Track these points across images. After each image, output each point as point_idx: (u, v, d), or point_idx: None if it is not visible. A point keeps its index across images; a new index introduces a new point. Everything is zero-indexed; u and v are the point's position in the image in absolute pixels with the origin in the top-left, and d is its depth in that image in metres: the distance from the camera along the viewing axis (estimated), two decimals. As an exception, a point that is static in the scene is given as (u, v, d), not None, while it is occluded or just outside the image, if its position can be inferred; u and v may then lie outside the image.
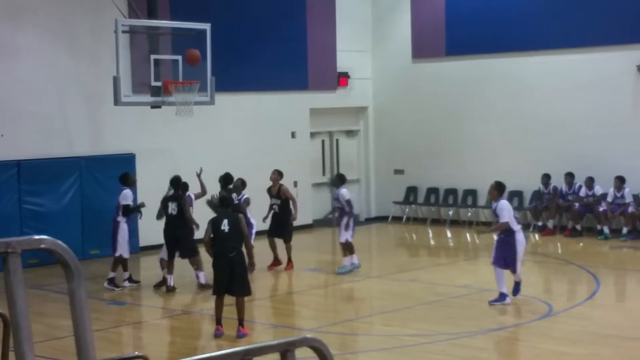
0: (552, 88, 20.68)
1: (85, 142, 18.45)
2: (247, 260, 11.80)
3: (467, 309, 13.03)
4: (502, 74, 21.50)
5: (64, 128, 18.25)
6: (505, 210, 13.00)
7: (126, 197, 15.33)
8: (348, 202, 15.95)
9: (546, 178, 20.35)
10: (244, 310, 11.69)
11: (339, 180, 16.41)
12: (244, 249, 11.81)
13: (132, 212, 15.51)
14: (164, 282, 14.95)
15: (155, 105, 16.62)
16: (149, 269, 16.85)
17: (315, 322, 12.76)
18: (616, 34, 19.69)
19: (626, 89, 19.67)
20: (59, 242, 2.53)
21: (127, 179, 15.57)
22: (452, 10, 22.21)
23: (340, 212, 16.08)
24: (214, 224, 11.85)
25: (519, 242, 12.98)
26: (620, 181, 19.26)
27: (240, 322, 11.63)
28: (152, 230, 17.21)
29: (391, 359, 11.01)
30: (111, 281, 15.15)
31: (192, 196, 15.61)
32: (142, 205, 15.58)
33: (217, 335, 11.61)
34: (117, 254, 15.09)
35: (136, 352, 4.36)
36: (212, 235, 11.77)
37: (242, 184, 16.34)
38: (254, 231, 15.77)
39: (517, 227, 13.02)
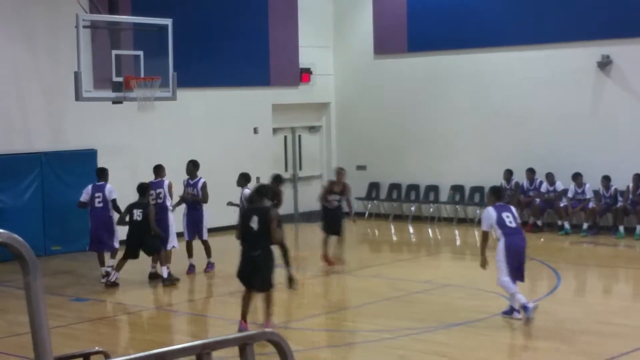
0: (514, 84, 20.84)
1: (45, 138, 18.28)
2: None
3: (429, 305, 13.09)
4: (464, 70, 21.63)
5: (24, 124, 18.07)
6: (484, 218, 12.07)
7: (113, 191, 15.39)
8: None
9: (508, 174, 20.51)
10: (270, 305, 11.41)
11: (244, 179, 15.85)
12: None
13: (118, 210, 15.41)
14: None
15: (116, 101, 16.51)
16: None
17: (278, 317, 12.74)
18: (577, 30, 19.87)
19: (586, 85, 19.87)
20: (15, 235, 2.51)
21: (106, 173, 15.54)
22: (413, 7, 22.29)
23: None
24: (243, 219, 11.31)
25: (500, 250, 11.84)
26: (579, 177, 19.46)
27: (266, 316, 11.39)
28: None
29: (354, 354, 11.04)
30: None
31: (167, 182, 15.65)
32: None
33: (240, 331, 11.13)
34: (116, 247, 15.34)
35: (96, 348, 4.31)
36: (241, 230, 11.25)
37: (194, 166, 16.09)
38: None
39: (499, 232, 11.91)
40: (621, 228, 18.87)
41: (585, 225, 19.39)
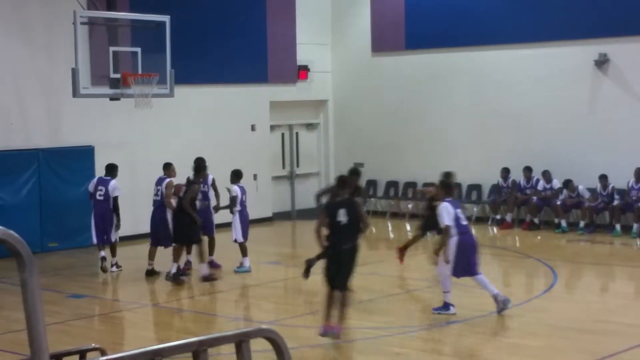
0: (512, 82, 20.85)
1: (43, 135, 18.27)
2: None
3: (426, 302, 13.10)
4: (462, 68, 21.63)
5: (22, 120, 18.05)
6: (444, 213, 11.89)
7: (117, 189, 15.70)
8: (233, 199, 15.69)
9: (505, 172, 20.52)
10: (345, 306, 10.94)
11: (235, 177, 16.00)
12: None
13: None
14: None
15: (114, 98, 16.51)
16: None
17: (275, 315, 12.77)
18: (575, 29, 19.87)
19: (584, 83, 19.88)
20: (11, 231, 2.51)
21: (114, 170, 15.87)
22: (411, 4, 22.29)
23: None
24: (329, 213, 10.77)
25: (452, 248, 11.83)
26: (572, 184, 19.42)
27: (340, 318, 10.90)
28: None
29: (350, 351, 11.05)
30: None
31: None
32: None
33: (323, 333, 10.80)
34: (113, 240, 15.71)
35: (92, 344, 4.31)
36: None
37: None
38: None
39: (454, 232, 11.86)
40: (618, 226, 18.89)
41: (581, 224, 19.41)
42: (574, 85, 19.99)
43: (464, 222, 12.01)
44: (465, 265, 11.89)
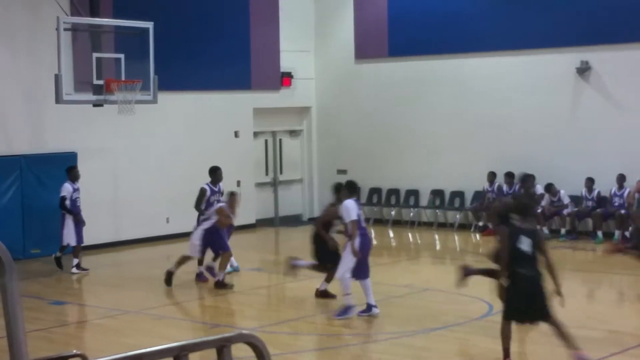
0: (494, 89, 20.94)
1: (25, 141, 18.20)
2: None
3: (409, 309, 13.13)
4: (445, 75, 21.71)
5: (4, 126, 17.99)
6: (350, 209, 12.21)
7: (64, 189, 16.21)
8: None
9: (492, 176, 20.60)
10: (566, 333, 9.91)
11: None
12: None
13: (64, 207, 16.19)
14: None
15: (97, 104, 16.48)
16: (88, 267, 16.70)
17: (257, 321, 12.76)
18: (557, 37, 19.99)
19: (566, 91, 19.99)
20: (-9, 236, 2.51)
21: (70, 172, 16.32)
22: (394, 12, 22.36)
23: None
24: (511, 238, 9.77)
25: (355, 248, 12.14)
26: (554, 188, 19.52)
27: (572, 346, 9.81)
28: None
29: (333, 358, 11.05)
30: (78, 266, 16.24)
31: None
32: None
33: None
34: (64, 243, 16.19)
35: (74, 351, 4.30)
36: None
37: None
38: None
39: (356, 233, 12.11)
40: (599, 233, 19.00)
41: (563, 230, 19.50)
42: (556, 92, 20.10)
43: (364, 224, 12.49)
44: (360, 267, 12.22)
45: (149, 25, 16.29)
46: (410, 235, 21.25)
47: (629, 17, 19.06)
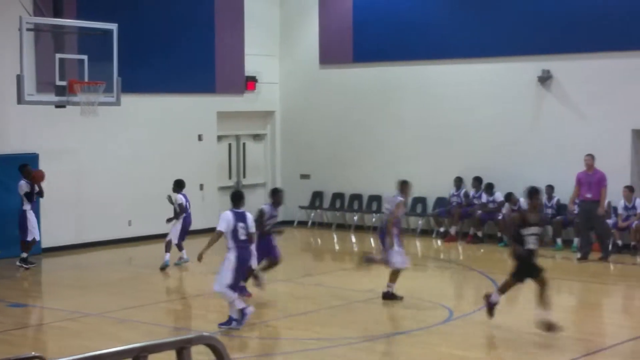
0: (457, 97, 21.09)
1: (-14, 141, 18.03)
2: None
3: (371, 314, 13.18)
4: (409, 81, 21.83)
5: (-36, 126, 17.81)
6: (223, 219, 11.92)
7: (20, 187, 16.77)
8: (180, 206, 17.10)
9: (459, 181, 20.74)
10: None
11: (177, 186, 17.30)
12: None
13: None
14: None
15: (59, 105, 16.38)
16: (50, 270, 16.58)
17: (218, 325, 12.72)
18: (519, 45, 20.19)
19: (528, 99, 20.19)
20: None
21: (23, 170, 16.81)
22: (359, 18, 22.45)
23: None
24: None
25: (231, 261, 11.83)
26: (512, 195, 19.64)
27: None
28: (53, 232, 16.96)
29: (294, 362, 11.06)
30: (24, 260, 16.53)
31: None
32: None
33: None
34: (29, 239, 16.52)
35: (32, 353, 4.29)
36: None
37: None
38: None
39: (230, 242, 11.84)
40: (559, 240, 19.19)
41: (524, 237, 19.65)
42: (517, 100, 20.29)
43: (243, 237, 11.84)
44: (237, 279, 11.98)
45: (113, 26, 16.23)
46: (372, 240, 21.31)
47: (590, 27, 19.29)
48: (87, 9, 18.12)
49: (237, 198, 12.24)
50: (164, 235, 17.66)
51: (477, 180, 20.47)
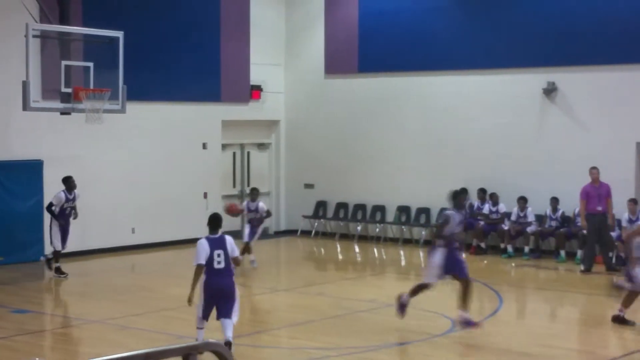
0: (462, 108, 21.10)
1: (-9, 147, 18.05)
2: None
3: (373, 323, 13.16)
4: (413, 92, 21.85)
5: (-31, 132, 17.84)
6: (198, 251, 10.80)
7: (55, 197, 16.63)
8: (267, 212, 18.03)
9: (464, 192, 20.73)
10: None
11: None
12: None
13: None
14: None
15: (64, 112, 16.41)
16: (53, 276, 16.58)
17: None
18: (524, 57, 20.21)
19: (532, 111, 20.20)
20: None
21: (65, 182, 16.66)
22: (365, 28, 22.49)
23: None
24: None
25: (200, 288, 10.84)
26: (523, 201, 19.76)
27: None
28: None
29: (296, 371, 11.05)
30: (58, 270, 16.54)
31: None
32: None
33: None
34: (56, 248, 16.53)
35: (35, 359, 4.31)
36: None
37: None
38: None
39: (205, 275, 10.78)
40: (562, 252, 19.17)
41: (526, 249, 19.67)
42: (522, 112, 20.30)
43: (219, 266, 10.69)
44: (211, 309, 10.90)
45: (119, 34, 16.26)
46: (375, 250, 21.31)
47: (596, 40, 19.31)
48: (93, 17, 18.16)
49: (212, 222, 11.00)
50: (168, 243, 17.68)
51: (482, 192, 20.47)
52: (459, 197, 13.27)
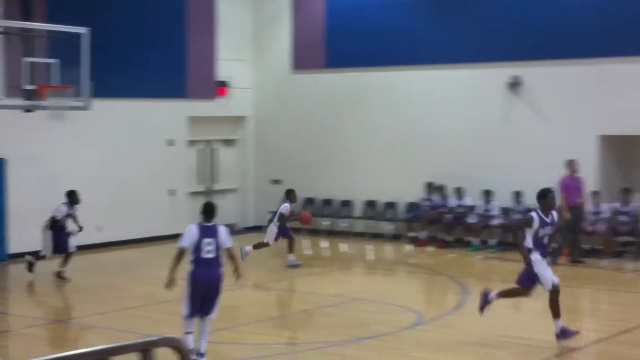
0: (428, 102, 21.19)
1: (-46, 145, 17.88)
2: None
3: (340, 318, 13.19)
4: (381, 87, 21.91)
5: None
6: (186, 233, 10.29)
7: (56, 210, 16.22)
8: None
9: (429, 186, 20.82)
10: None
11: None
12: None
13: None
14: None
15: (28, 109, 16.27)
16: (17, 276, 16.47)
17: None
18: (489, 51, 20.34)
19: (497, 105, 20.33)
20: None
21: (69, 196, 16.29)
22: (332, 24, 22.51)
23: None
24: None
25: (187, 281, 10.27)
26: (488, 195, 19.90)
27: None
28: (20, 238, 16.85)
29: (263, 366, 11.05)
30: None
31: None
32: None
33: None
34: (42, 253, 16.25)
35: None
36: None
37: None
38: None
39: (191, 258, 10.21)
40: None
41: (492, 242, 19.80)
42: (487, 106, 20.43)
43: (209, 255, 10.13)
44: (199, 304, 10.26)
45: (84, 30, 16.15)
46: (343, 245, 21.35)
47: (560, 35, 19.47)
48: (57, 13, 18.01)
49: (206, 210, 10.53)
50: (135, 241, 17.61)
51: (433, 186, 20.64)
52: (547, 196, 12.00)
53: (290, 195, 18.18)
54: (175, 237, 20.47)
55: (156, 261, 16.83)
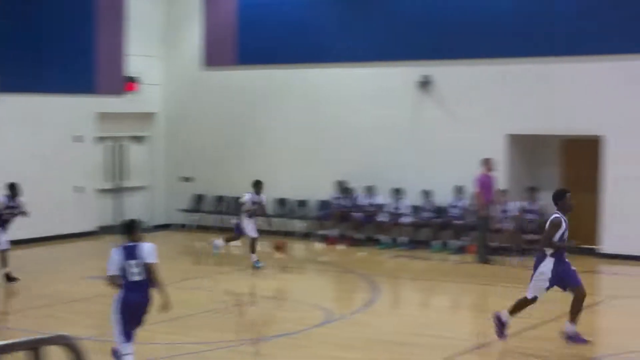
0: (342, 100, 21.28)
1: None
2: None
3: (250, 317, 13.13)
4: (294, 84, 21.90)
5: None
6: (109, 261, 9.58)
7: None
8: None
9: (340, 184, 20.88)
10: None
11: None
12: None
13: None
14: None
15: None
16: None
17: (96, 330, 12.46)
18: (400, 50, 20.52)
19: (408, 103, 20.52)
20: None
21: (11, 189, 15.99)
22: (244, 20, 22.40)
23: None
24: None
25: (117, 303, 9.63)
26: (397, 193, 20.08)
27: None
28: None
29: (170, 366, 10.92)
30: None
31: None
32: None
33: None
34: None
35: None
36: None
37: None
38: None
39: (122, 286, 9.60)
40: (436, 242, 19.56)
41: (402, 240, 19.98)
42: (398, 104, 20.60)
43: (137, 278, 9.54)
44: (131, 326, 9.80)
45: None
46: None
47: (469, 34, 19.73)
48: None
49: (127, 228, 9.76)
50: (43, 239, 17.20)
51: (345, 185, 20.79)
52: (565, 196, 11.38)
53: (257, 186, 18.05)
54: (83, 235, 20.29)
55: (65, 259, 16.48)
